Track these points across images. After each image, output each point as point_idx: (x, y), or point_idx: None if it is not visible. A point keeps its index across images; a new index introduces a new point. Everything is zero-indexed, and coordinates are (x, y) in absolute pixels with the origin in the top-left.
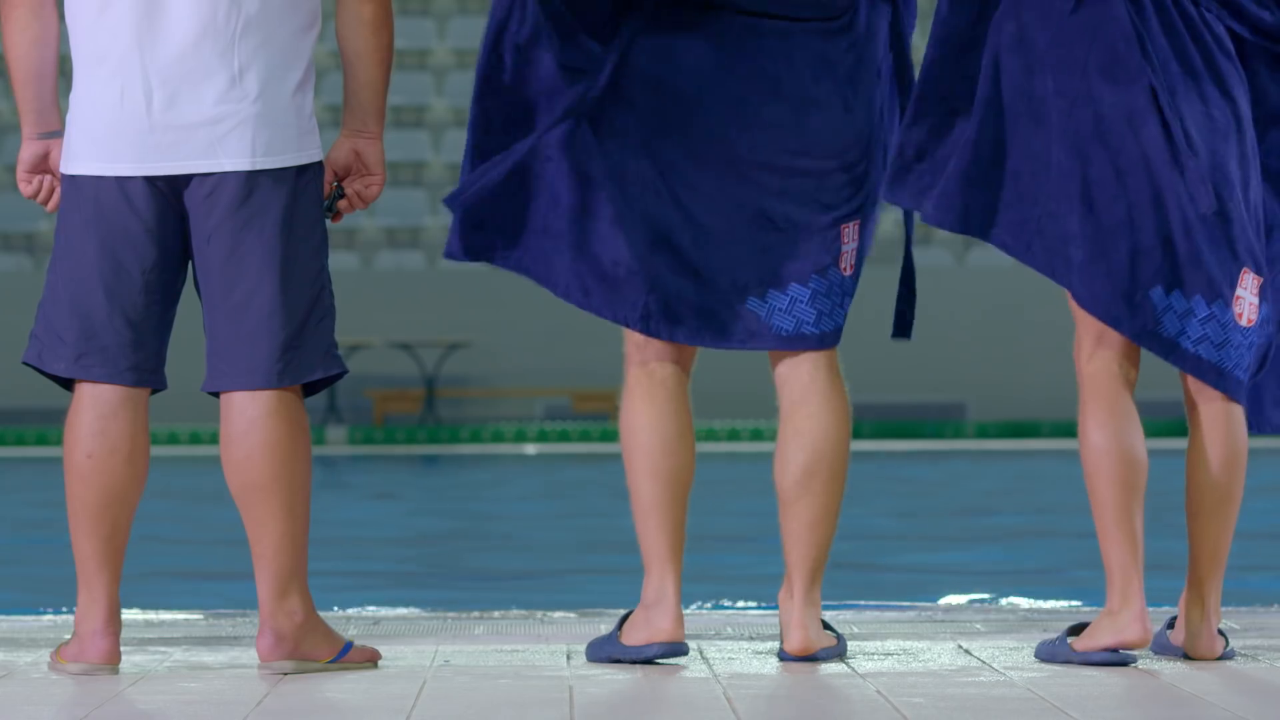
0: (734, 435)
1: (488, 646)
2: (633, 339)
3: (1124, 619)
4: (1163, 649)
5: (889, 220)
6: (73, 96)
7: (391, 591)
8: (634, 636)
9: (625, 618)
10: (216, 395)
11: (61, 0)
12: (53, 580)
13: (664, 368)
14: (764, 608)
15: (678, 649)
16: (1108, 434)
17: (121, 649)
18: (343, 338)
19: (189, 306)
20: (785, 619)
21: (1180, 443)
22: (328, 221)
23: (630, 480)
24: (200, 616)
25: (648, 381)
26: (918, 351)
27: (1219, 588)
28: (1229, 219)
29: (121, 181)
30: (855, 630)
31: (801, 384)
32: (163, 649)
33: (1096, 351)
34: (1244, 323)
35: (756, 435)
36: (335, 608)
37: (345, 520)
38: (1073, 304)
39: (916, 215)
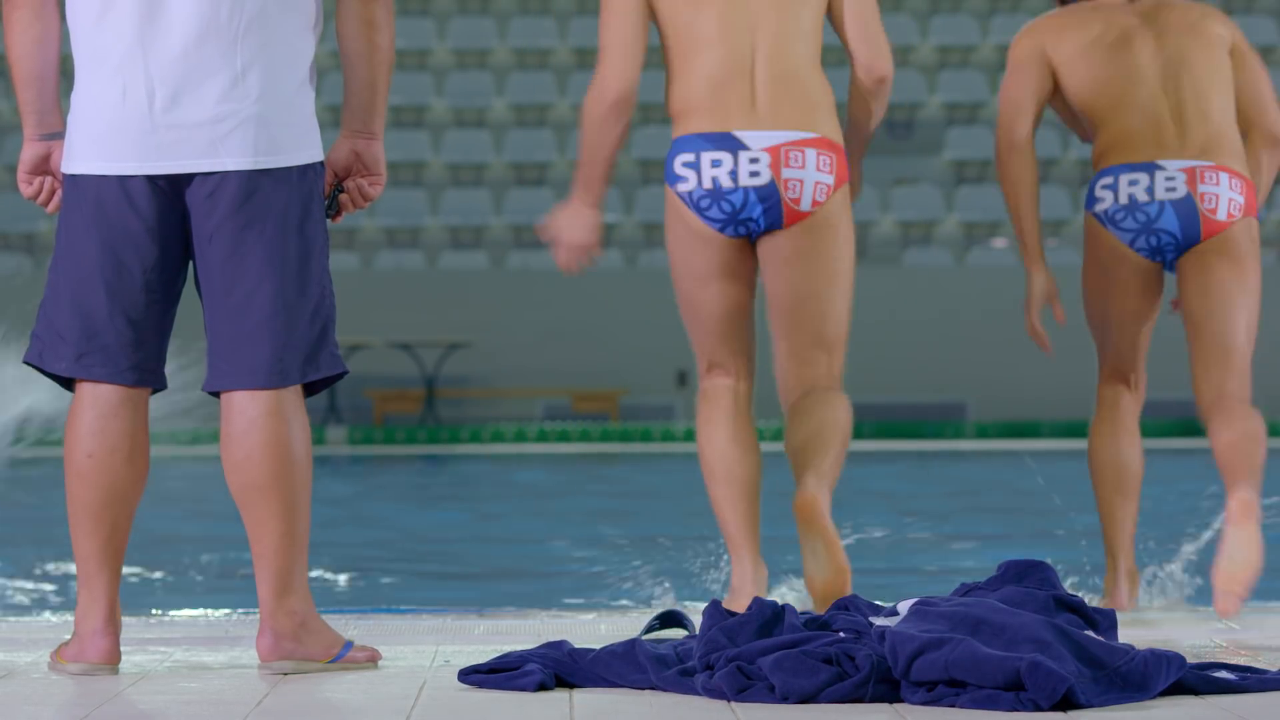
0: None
1: (488, 646)
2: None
3: None
4: None
5: (888, 220)
6: (74, 96)
7: (391, 591)
8: None
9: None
10: (216, 395)
11: (63, 1)
12: (53, 580)
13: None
14: None
15: None
16: None
17: (121, 649)
18: (343, 338)
19: (189, 306)
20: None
21: (1179, 443)
22: (328, 221)
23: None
24: (200, 616)
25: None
26: (918, 351)
27: None
28: None
29: (123, 181)
30: None
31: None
32: (163, 649)
33: None
34: None
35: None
36: (335, 608)
37: (345, 520)
38: None
39: None
